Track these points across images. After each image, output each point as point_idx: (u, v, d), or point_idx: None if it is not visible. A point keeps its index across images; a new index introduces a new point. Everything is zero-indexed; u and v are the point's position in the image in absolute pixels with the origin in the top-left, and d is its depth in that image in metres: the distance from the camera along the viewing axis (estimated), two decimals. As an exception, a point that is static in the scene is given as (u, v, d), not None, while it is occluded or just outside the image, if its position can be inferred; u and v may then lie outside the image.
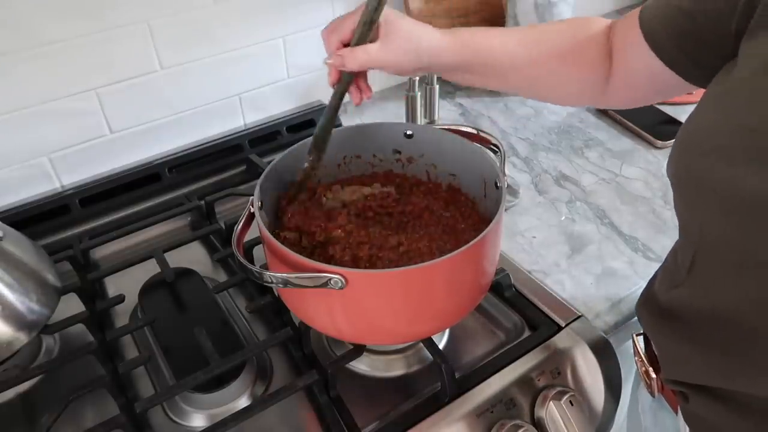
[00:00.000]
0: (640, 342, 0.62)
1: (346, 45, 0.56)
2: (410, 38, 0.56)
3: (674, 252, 0.55)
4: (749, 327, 0.44)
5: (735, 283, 0.44)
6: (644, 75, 0.57)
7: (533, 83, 0.63)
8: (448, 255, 0.52)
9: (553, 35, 0.61)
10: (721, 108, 0.43)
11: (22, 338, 0.63)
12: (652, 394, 0.61)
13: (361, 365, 0.68)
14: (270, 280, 0.53)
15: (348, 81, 0.59)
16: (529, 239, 0.84)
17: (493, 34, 0.61)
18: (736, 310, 0.45)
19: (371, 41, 0.55)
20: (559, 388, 0.64)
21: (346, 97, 0.62)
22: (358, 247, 0.62)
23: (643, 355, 0.61)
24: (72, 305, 0.74)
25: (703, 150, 0.43)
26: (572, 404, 0.62)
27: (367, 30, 0.54)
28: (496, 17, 1.16)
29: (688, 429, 0.56)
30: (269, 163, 0.66)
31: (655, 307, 0.56)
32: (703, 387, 0.51)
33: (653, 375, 0.60)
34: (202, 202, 0.89)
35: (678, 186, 0.47)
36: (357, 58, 0.55)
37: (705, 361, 0.50)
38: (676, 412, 0.58)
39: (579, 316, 0.71)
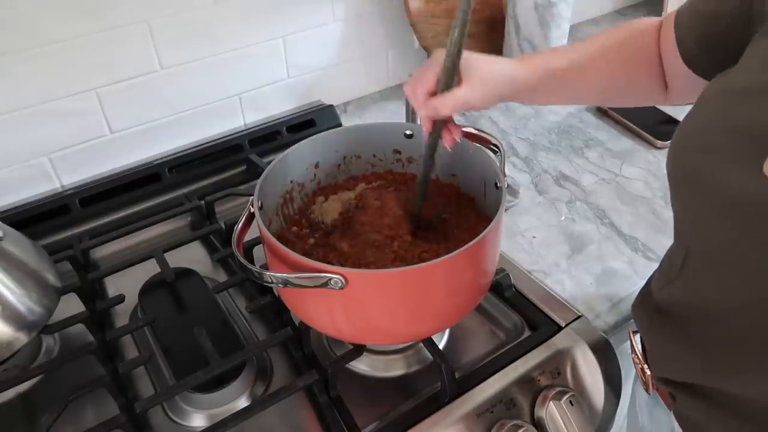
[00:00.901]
0: (637, 339, 0.63)
1: (431, 94, 0.58)
2: (490, 74, 0.58)
3: (669, 250, 0.55)
4: (736, 326, 0.45)
5: (723, 281, 0.45)
6: (681, 77, 0.58)
7: (604, 92, 0.65)
8: (448, 255, 0.52)
9: (615, 45, 0.63)
10: (715, 107, 0.44)
11: (22, 338, 0.63)
12: (647, 390, 0.62)
13: (361, 365, 0.68)
14: (270, 280, 0.53)
15: (440, 127, 0.61)
16: (529, 239, 0.84)
17: (559, 52, 0.65)
18: (724, 308, 0.45)
19: (456, 85, 0.57)
20: (559, 388, 0.64)
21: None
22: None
23: (639, 353, 0.62)
24: (72, 305, 0.74)
25: (696, 148, 0.44)
26: (572, 404, 0.62)
27: (451, 75, 0.56)
28: (496, 17, 1.16)
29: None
30: (269, 163, 0.66)
31: (650, 305, 0.57)
32: (689, 385, 0.52)
33: (648, 372, 0.60)
34: (202, 202, 0.89)
35: (674, 184, 0.48)
36: (448, 104, 0.57)
37: (692, 358, 0.50)
38: (671, 409, 0.59)
39: (579, 316, 0.71)
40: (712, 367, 0.49)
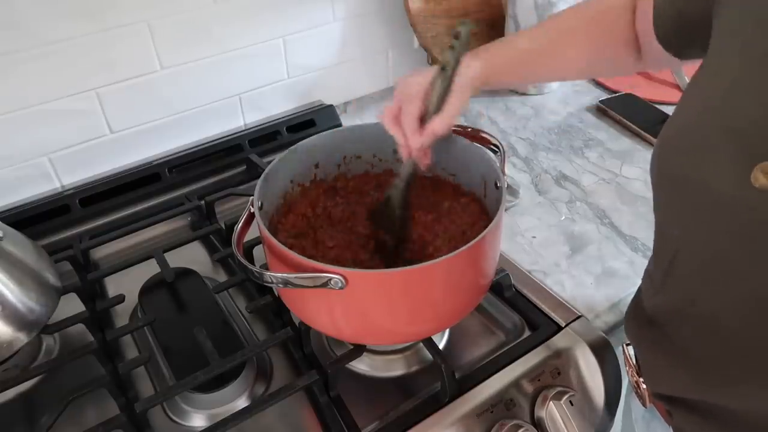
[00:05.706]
0: (631, 352, 0.62)
1: (420, 116, 0.57)
2: (468, 75, 0.58)
3: (652, 258, 0.55)
4: (725, 335, 0.44)
5: (712, 287, 0.44)
6: (658, 51, 0.58)
7: (577, 71, 0.66)
8: (448, 255, 0.52)
9: (586, 23, 0.63)
10: (697, 107, 0.44)
11: (22, 338, 0.63)
12: (643, 404, 0.61)
13: (361, 365, 0.68)
14: (270, 280, 0.53)
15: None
16: (529, 239, 0.84)
17: (526, 36, 0.65)
18: (713, 316, 0.44)
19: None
20: (559, 388, 0.63)
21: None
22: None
23: (633, 366, 0.61)
24: (72, 305, 0.74)
25: (679, 149, 0.44)
26: (572, 404, 0.62)
27: (446, 94, 0.55)
28: (496, 17, 1.16)
29: None
30: (269, 163, 0.66)
31: (641, 317, 0.56)
32: (684, 400, 0.51)
33: (644, 386, 0.59)
34: (202, 202, 0.89)
35: (659, 188, 0.47)
36: (448, 120, 0.56)
37: (683, 371, 0.50)
38: (670, 425, 0.58)
39: (579, 316, 0.71)
40: (703, 380, 0.48)
